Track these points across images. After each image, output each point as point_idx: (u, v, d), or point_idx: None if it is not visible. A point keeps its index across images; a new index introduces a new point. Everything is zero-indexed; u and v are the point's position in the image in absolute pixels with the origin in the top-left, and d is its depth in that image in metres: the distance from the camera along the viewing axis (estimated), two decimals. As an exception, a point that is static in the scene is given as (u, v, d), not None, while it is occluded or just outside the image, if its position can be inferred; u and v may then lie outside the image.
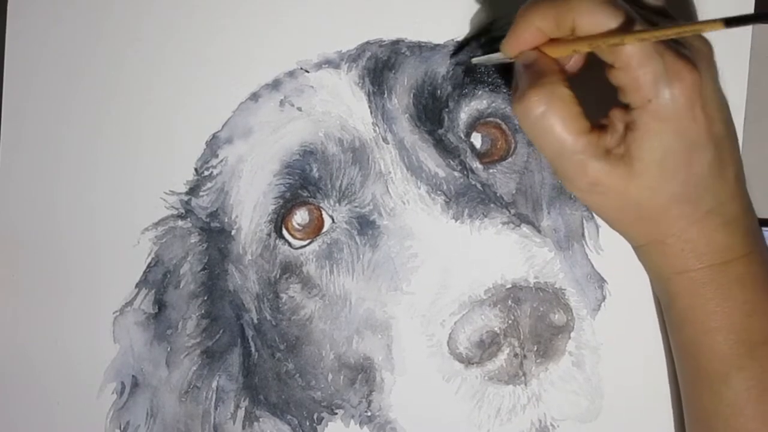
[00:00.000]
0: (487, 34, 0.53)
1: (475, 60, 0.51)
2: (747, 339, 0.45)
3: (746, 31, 0.53)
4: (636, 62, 0.42)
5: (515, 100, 0.44)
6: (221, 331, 0.53)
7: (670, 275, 0.46)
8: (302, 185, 0.51)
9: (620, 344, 0.52)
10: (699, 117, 0.42)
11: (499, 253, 0.49)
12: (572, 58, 0.46)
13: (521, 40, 0.45)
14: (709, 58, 0.44)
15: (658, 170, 0.43)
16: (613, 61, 0.43)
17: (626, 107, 0.44)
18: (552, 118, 0.43)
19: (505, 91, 0.53)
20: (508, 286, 0.48)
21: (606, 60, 0.43)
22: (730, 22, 0.39)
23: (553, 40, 0.45)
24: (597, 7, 0.42)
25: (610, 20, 0.42)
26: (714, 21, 0.40)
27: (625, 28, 0.42)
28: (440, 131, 0.52)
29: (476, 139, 0.52)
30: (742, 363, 0.45)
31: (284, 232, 0.51)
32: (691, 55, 0.43)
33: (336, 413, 0.53)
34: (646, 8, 0.45)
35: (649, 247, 0.46)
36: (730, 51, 0.52)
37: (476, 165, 0.52)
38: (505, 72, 0.53)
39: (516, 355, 0.48)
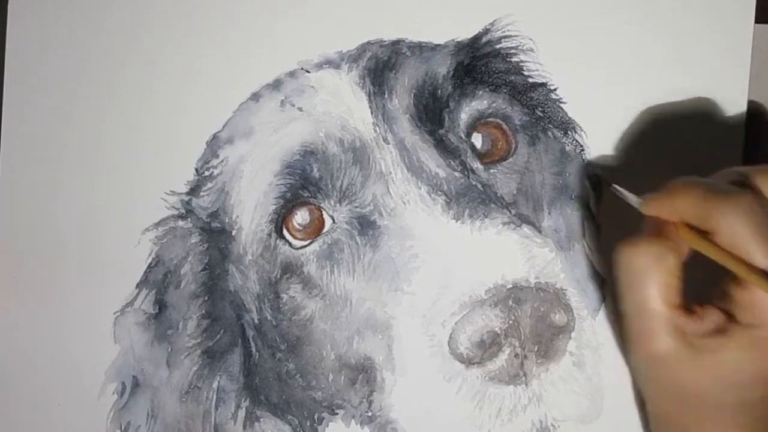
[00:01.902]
0: (487, 35, 0.53)
1: (614, 187, 0.50)
2: None
3: (747, 30, 0.53)
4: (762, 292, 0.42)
5: (625, 244, 0.44)
6: (222, 332, 0.53)
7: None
8: (303, 185, 0.51)
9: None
10: None
11: (500, 253, 0.49)
12: None
13: (658, 210, 0.45)
14: None
15: (725, 377, 0.43)
16: (741, 278, 0.43)
17: (725, 311, 0.44)
18: (652, 276, 0.43)
19: (505, 91, 0.53)
20: (509, 286, 0.48)
21: (737, 273, 0.43)
22: None
23: (692, 228, 0.44)
24: (745, 235, 0.42)
25: (749, 245, 0.42)
26: None
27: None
28: (441, 131, 0.52)
29: (477, 140, 0.52)
30: None
31: (285, 232, 0.51)
32: None
33: (337, 413, 0.53)
34: None
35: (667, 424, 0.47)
36: (732, 50, 0.53)
37: (477, 165, 0.52)
38: (506, 72, 0.53)
39: (517, 355, 0.48)
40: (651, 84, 0.53)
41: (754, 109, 0.53)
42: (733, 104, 0.53)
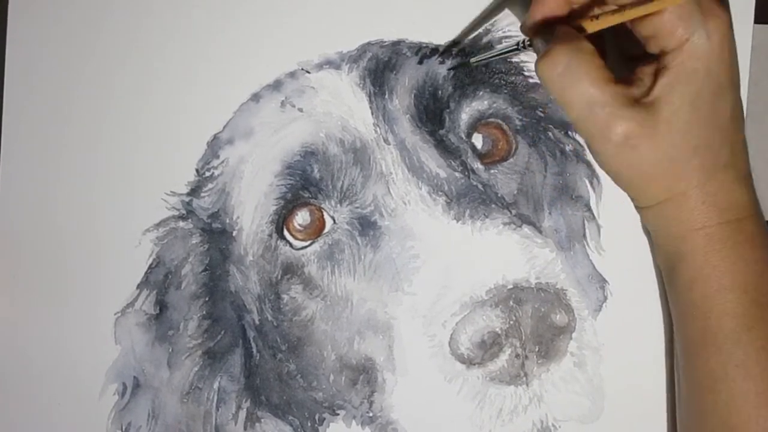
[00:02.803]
0: (487, 35, 0.53)
1: (474, 60, 0.51)
2: (758, 299, 0.45)
3: (746, 31, 0.53)
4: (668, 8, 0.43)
5: (538, 61, 0.44)
6: (223, 332, 0.53)
7: (686, 233, 0.46)
8: (303, 186, 0.51)
9: (622, 345, 0.52)
10: (727, 57, 0.43)
11: (501, 253, 0.49)
12: None
13: (543, 11, 0.45)
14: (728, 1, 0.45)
15: (689, 113, 0.43)
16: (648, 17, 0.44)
17: (652, 58, 0.44)
18: (577, 71, 0.43)
19: (506, 91, 0.53)
20: (510, 286, 0.48)
21: (637, 15, 0.44)
22: None
23: (574, 12, 0.45)
24: None
25: None
26: None
27: None
28: (441, 132, 0.52)
29: (477, 140, 0.52)
30: (753, 323, 0.45)
31: (285, 232, 0.51)
32: None
33: (337, 414, 0.53)
34: None
35: (668, 204, 0.46)
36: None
37: (477, 165, 0.52)
38: (507, 73, 0.53)
39: (517, 355, 0.48)
40: (651, 84, 0.53)
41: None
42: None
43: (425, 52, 0.52)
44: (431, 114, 0.51)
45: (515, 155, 0.52)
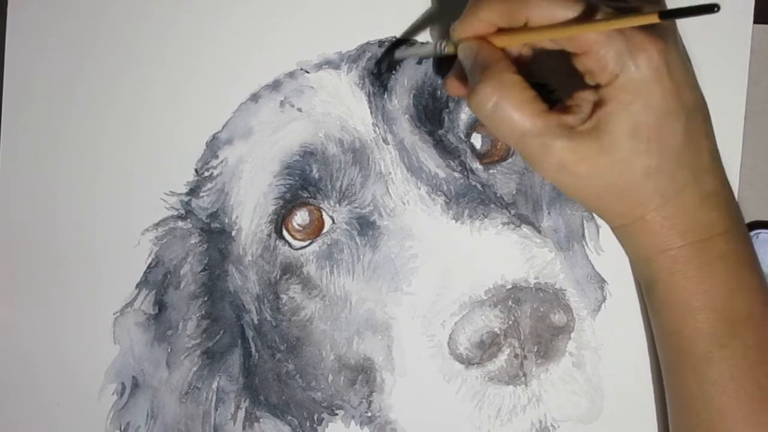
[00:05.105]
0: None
1: (398, 54, 0.51)
2: (729, 317, 0.45)
3: (746, 31, 0.53)
4: (597, 45, 0.42)
5: (468, 98, 0.44)
6: (221, 332, 0.53)
7: (651, 255, 0.46)
8: (302, 186, 0.51)
9: (620, 345, 0.52)
10: (667, 86, 0.42)
11: (500, 253, 0.49)
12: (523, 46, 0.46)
13: (470, 29, 0.45)
14: (670, 26, 0.44)
15: (629, 143, 0.43)
16: (574, 48, 0.43)
17: (593, 87, 0.44)
18: (505, 107, 0.43)
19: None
20: (509, 286, 0.48)
21: (567, 49, 0.44)
22: (665, 14, 0.40)
23: (501, 30, 0.45)
24: (550, 2, 0.43)
25: (563, 12, 0.43)
26: (649, 14, 0.41)
27: (579, 18, 0.42)
28: (440, 132, 0.52)
29: (476, 140, 0.52)
30: (724, 341, 0.45)
31: (284, 232, 0.51)
32: (652, 26, 0.42)
33: (336, 414, 0.53)
34: None
35: (629, 228, 0.46)
36: (730, 51, 0.53)
37: (476, 165, 0.52)
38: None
39: (516, 355, 0.48)
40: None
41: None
42: (732, 104, 0.53)
43: None
44: (430, 114, 0.51)
45: (514, 155, 0.52)
